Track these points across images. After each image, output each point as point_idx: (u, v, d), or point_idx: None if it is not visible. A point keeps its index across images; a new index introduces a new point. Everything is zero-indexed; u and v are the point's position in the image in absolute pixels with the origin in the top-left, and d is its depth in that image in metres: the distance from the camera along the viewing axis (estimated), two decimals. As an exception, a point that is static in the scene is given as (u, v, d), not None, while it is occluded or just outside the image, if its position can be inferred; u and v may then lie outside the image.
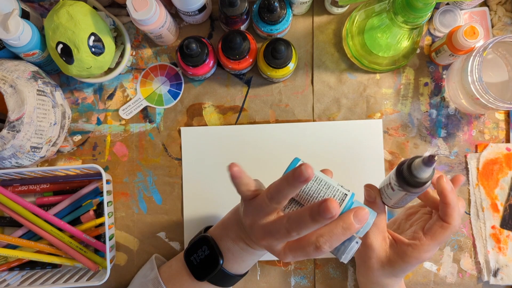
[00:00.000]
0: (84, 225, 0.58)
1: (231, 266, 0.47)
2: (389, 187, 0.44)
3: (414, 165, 0.40)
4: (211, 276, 0.47)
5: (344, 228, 0.37)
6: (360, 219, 0.37)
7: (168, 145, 0.61)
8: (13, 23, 0.50)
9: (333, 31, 0.62)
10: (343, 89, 0.61)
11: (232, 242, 0.46)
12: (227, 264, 0.47)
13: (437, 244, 0.45)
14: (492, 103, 0.51)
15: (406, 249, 0.46)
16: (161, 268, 0.53)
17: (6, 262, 0.59)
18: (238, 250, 0.46)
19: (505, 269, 0.58)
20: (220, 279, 0.48)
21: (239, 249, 0.46)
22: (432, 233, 0.45)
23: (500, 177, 0.60)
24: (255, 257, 0.48)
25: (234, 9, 0.53)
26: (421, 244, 0.45)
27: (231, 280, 0.48)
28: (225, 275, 0.47)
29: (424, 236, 0.45)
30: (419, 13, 0.46)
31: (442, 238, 0.45)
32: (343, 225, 0.37)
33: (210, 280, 0.48)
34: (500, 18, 0.61)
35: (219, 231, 0.48)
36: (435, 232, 0.45)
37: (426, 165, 0.39)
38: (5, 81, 0.51)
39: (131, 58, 0.62)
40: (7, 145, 0.52)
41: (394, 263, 0.46)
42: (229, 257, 0.46)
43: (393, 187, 0.43)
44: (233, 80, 0.62)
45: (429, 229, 0.46)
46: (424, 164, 0.39)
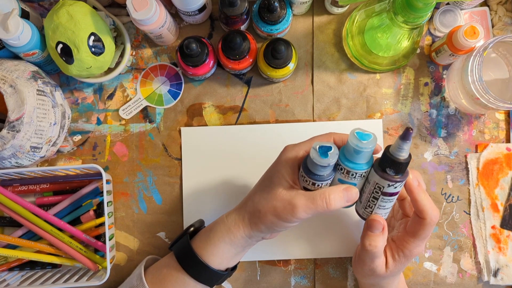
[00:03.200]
0: (84, 225, 0.58)
1: (211, 259, 0.47)
2: (367, 190, 0.43)
3: (391, 146, 0.40)
4: (183, 253, 0.48)
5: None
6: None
7: (168, 145, 0.61)
8: (12, 23, 0.50)
9: (333, 31, 0.62)
10: (343, 89, 0.61)
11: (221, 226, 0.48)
12: (202, 253, 0.48)
13: (422, 240, 0.46)
14: (492, 103, 0.51)
15: (397, 252, 0.47)
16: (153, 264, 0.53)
17: (6, 262, 0.59)
18: (221, 235, 0.47)
19: (505, 269, 0.58)
20: (199, 270, 0.48)
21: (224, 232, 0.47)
22: (413, 231, 0.46)
23: (500, 177, 0.59)
24: (234, 248, 0.48)
25: (234, 9, 0.53)
26: (408, 244, 0.46)
27: (210, 273, 0.48)
28: (204, 267, 0.47)
29: (407, 235, 0.46)
30: (419, 13, 0.46)
31: (424, 233, 0.45)
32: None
33: (191, 273, 0.48)
34: (500, 18, 0.61)
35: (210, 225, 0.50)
36: (415, 230, 0.46)
37: (403, 139, 0.38)
38: (5, 81, 0.51)
39: (131, 58, 0.62)
40: (7, 145, 0.52)
41: (392, 269, 0.48)
42: (209, 247, 0.47)
43: (372, 186, 0.42)
44: (233, 80, 0.62)
45: (410, 227, 0.46)
46: (401, 138, 0.38)
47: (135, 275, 0.52)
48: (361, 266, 0.49)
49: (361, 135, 0.39)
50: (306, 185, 0.43)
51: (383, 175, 0.41)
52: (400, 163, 0.39)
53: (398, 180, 0.41)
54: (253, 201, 0.46)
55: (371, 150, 0.40)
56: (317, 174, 0.41)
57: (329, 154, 0.39)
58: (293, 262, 0.60)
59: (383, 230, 0.45)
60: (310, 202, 0.42)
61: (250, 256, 0.59)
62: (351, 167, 0.41)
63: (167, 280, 0.49)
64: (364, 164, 0.41)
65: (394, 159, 0.39)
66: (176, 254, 0.49)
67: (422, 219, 0.44)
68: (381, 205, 0.44)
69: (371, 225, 0.45)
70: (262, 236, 0.47)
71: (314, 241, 0.60)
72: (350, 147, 0.40)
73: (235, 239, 0.47)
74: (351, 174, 0.42)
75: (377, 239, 0.45)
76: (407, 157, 0.39)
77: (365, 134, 0.39)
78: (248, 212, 0.46)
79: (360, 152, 0.40)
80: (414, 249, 0.46)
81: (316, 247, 0.60)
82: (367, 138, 0.39)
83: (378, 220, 0.45)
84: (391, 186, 0.41)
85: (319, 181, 0.42)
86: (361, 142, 0.39)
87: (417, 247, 0.46)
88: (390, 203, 0.44)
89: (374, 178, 0.42)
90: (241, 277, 0.60)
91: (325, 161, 0.39)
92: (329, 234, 0.60)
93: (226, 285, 0.60)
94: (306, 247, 0.60)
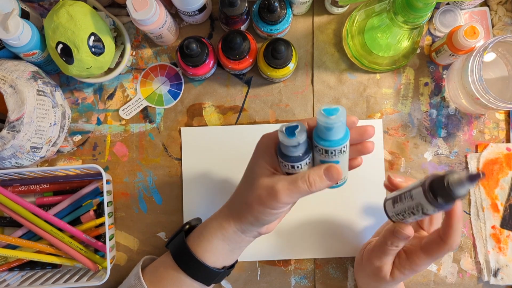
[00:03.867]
0: (84, 225, 0.58)
1: (206, 256, 0.47)
2: (407, 204, 0.42)
3: (453, 179, 0.37)
4: (178, 250, 0.48)
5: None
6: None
7: (168, 145, 0.61)
8: (12, 23, 0.50)
9: (333, 31, 0.62)
10: (343, 89, 0.61)
11: (215, 222, 0.48)
12: (197, 249, 0.48)
13: (432, 260, 0.46)
14: (493, 103, 0.51)
15: (404, 263, 0.47)
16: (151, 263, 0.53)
17: (6, 262, 0.59)
18: (214, 231, 0.47)
19: (505, 269, 0.58)
20: (195, 268, 0.48)
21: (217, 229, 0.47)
22: (428, 249, 0.45)
23: (500, 177, 0.59)
24: (227, 244, 0.48)
25: (234, 9, 0.53)
26: (417, 259, 0.46)
27: (206, 270, 0.48)
28: (200, 264, 0.47)
29: (421, 251, 0.46)
30: (419, 13, 0.46)
31: (437, 255, 0.45)
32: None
33: (187, 271, 0.48)
34: (500, 18, 0.61)
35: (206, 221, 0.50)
36: (431, 248, 0.45)
37: (471, 181, 0.36)
38: (5, 81, 0.51)
39: (131, 58, 0.62)
40: (7, 145, 0.52)
41: (395, 277, 0.48)
42: (203, 244, 0.48)
43: (415, 204, 0.41)
44: (233, 80, 0.62)
45: (426, 244, 0.46)
46: (469, 180, 0.36)
47: (133, 274, 0.52)
48: (370, 261, 0.49)
49: (328, 111, 0.38)
50: (287, 170, 0.43)
51: (433, 203, 0.39)
52: (455, 198, 0.37)
53: (445, 209, 0.40)
54: (239, 194, 0.47)
55: (342, 123, 0.39)
56: (291, 156, 0.41)
57: (296, 133, 0.39)
58: (293, 262, 0.60)
59: (408, 238, 0.45)
60: (292, 185, 0.41)
61: (250, 256, 0.59)
62: (327, 145, 0.40)
63: (164, 278, 0.49)
64: (340, 139, 0.40)
65: (452, 195, 0.37)
66: (172, 252, 0.50)
67: (443, 242, 0.44)
68: (415, 218, 0.43)
69: (400, 233, 0.44)
70: (255, 229, 0.47)
71: (314, 241, 0.60)
72: (321, 126, 0.39)
73: (227, 234, 0.47)
74: (330, 152, 0.41)
75: (400, 242, 0.45)
76: (465, 194, 0.37)
77: (332, 109, 0.38)
78: (236, 206, 0.47)
79: (331, 129, 0.38)
80: (422, 266, 0.46)
81: (316, 247, 0.60)
82: (335, 113, 0.38)
83: (408, 233, 0.44)
84: (435, 211, 0.40)
85: (296, 162, 0.41)
86: (329, 118, 0.37)
87: (424, 265, 0.46)
88: (424, 217, 0.44)
89: (420, 199, 0.40)
90: (241, 277, 0.60)
91: (293, 141, 0.39)
92: (329, 234, 0.60)
93: (226, 285, 0.60)
94: (306, 247, 0.60)
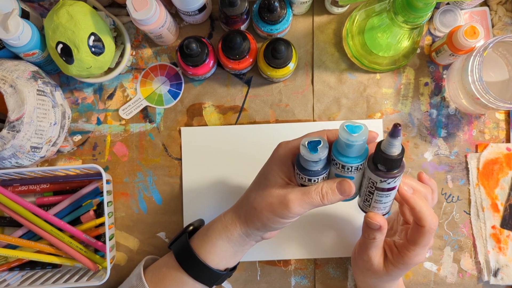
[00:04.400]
0: (84, 225, 0.58)
1: (209, 257, 0.47)
2: (364, 184, 0.43)
3: (382, 143, 0.39)
4: (181, 250, 0.48)
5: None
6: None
7: (168, 145, 0.61)
8: (13, 23, 0.50)
9: (333, 31, 0.62)
10: (343, 89, 0.61)
11: (219, 224, 0.48)
12: (200, 251, 0.48)
13: (422, 248, 0.45)
14: (493, 103, 0.51)
15: (397, 257, 0.47)
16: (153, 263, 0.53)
17: (6, 262, 0.59)
18: (219, 232, 0.47)
19: (505, 269, 0.58)
20: (198, 269, 0.47)
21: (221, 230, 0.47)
22: (413, 239, 0.45)
23: (500, 177, 0.59)
24: (231, 247, 0.48)
25: (234, 9, 0.53)
26: (408, 251, 0.46)
27: (209, 272, 0.48)
28: (203, 266, 0.47)
29: (407, 243, 0.46)
30: (419, 13, 0.46)
31: (423, 241, 0.45)
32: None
33: (190, 272, 0.48)
34: (500, 18, 0.61)
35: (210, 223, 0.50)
36: (414, 237, 0.45)
37: (392, 136, 0.37)
38: (5, 81, 0.51)
39: (131, 58, 0.62)
40: (7, 145, 0.52)
41: (390, 271, 0.47)
42: (207, 245, 0.48)
43: (367, 180, 0.42)
44: (233, 80, 0.62)
45: (410, 235, 0.46)
46: (390, 135, 0.37)
47: (134, 275, 0.52)
48: (360, 257, 0.49)
49: (351, 128, 0.38)
50: (302, 182, 0.43)
51: (375, 172, 0.40)
52: (391, 159, 0.38)
53: (390, 176, 0.40)
54: (249, 199, 0.46)
55: (363, 142, 0.39)
56: (310, 170, 0.41)
57: (319, 149, 0.39)
58: (293, 262, 0.60)
59: (380, 228, 0.45)
60: (305, 196, 0.42)
61: (250, 256, 0.59)
62: (345, 161, 0.41)
63: (166, 279, 0.49)
64: (358, 157, 0.41)
65: (385, 155, 0.38)
66: (175, 252, 0.49)
67: (421, 227, 0.44)
68: (377, 199, 0.43)
69: (369, 223, 0.45)
70: (259, 234, 0.47)
71: (314, 241, 0.60)
72: (342, 141, 0.39)
73: (232, 236, 0.47)
74: (346, 168, 0.41)
75: (375, 233, 0.45)
76: (398, 153, 0.38)
77: (355, 126, 0.38)
78: (244, 210, 0.47)
79: (351, 146, 0.39)
80: (414, 257, 0.46)
81: (316, 247, 0.60)
82: (357, 131, 0.38)
83: (374, 221, 0.44)
84: (383, 182, 0.41)
85: (313, 176, 0.42)
86: (351, 135, 0.38)
87: (418, 256, 0.46)
88: (386, 197, 0.43)
89: (367, 173, 0.42)
90: (241, 277, 0.60)
91: (315, 156, 0.39)
92: (329, 234, 0.60)
93: (226, 285, 0.60)
94: (306, 247, 0.60)
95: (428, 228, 0.44)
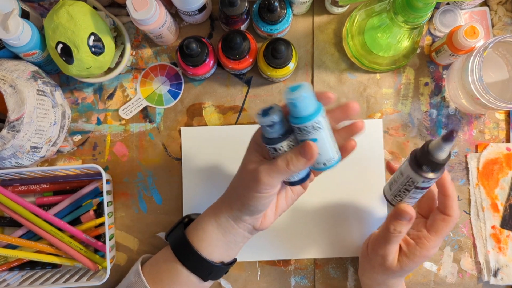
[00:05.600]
0: (84, 225, 0.58)
1: (202, 245, 0.48)
2: (400, 181, 0.44)
3: (431, 144, 0.40)
4: (176, 240, 0.49)
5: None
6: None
7: (168, 145, 0.61)
8: (13, 23, 0.50)
9: (333, 31, 0.62)
10: (343, 89, 0.61)
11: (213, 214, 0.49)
12: (194, 239, 0.48)
13: (441, 238, 0.47)
14: (493, 103, 0.51)
15: (414, 250, 0.48)
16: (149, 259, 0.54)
17: (6, 262, 0.59)
18: (208, 218, 0.49)
19: (505, 269, 0.58)
20: (192, 259, 0.48)
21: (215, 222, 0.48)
22: (435, 228, 0.47)
23: (500, 177, 0.59)
24: (221, 234, 0.48)
25: (234, 9, 0.53)
26: (427, 242, 0.47)
27: (202, 261, 0.48)
28: (196, 255, 0.48)
29: (428, 233, 0.47)
30: (419, 13, 0.46)
31: (445, 231, 0.47)
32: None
33: (185, 262, 0.48)
34: (500, 18, 0.61)
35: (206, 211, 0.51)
36: (438, 226, 0.47)
37: (446, 141, 0.38)
38: (5, 81, 0.51)
39: (131, 58, 0.62)
40: (7, 145, 0.52)
41: (404, 266, 0.48)
42: (199, 232, 0.49)
43: (405, 178, 0.43)
44: (233, 80, 0.62)
45: (432, 224, 0.47)
46: (444, 140, 0.38)
47: (132, 271, 0.52)
48: (375, 251, 0.49)
49: (291, 88, 0.39)
50: (271, 155, 0.44)
51: (419, 172, 0.42)
52: (439, 163, 0.40)
53: (433, 178, 0.42)
54: (232, 184, 0.49)
55: (309, 97, 0.39)
56: (271, 138, 0.42)
57: (270, 112, 0.40)
58: (293, 262, 0.60)
59: (411, 220, 0.46)
60: (272, 165, 0.42)
61: (250, 256, 0.59)
62: (298, 122, 0.40)
63: (163, 270, 0.50)
64: (310, 115, 0.40)
65: (433, 159, 0.40)
66: (170, 243, 0.50)
67: (447, 216, 0.46)
68: (412, 196, 0.45)
69: (401, 214, 0.46)
70: (245, 219, 0.47)
71: (314, 241, 0.60)
72: (289, 104, 0.40)
73: (219, 221, 0.48)
74: (303, 130, 0.41)
75: (403, 226, 0.46)
76: (446, 157, 0.40)
77: (295, 85, 0.39)
78: (228, 193, 0.49)
79: (296, 104, 0.39)
80: (432, 249, 0.47)
81: (316, 247, 0.60)
82: (298, 88, 0.39)
83: (408, 211, 0.45)
84: (425, 182, 0.42)
85: (276, 144, 0.42)
86: (292, 93, 0.39)
87: (435, 248, 0.47)
88: (420, 194, 0.45)
89: (408, 172, 0.43)
90: (241, 277, 0.60)
91: (267, 120, 0.40)
92: (329, 234, 0.60)
93: (226, 285, 0.60)
94: (306, 247, 0.60)
95: (454, 218, 0.46)
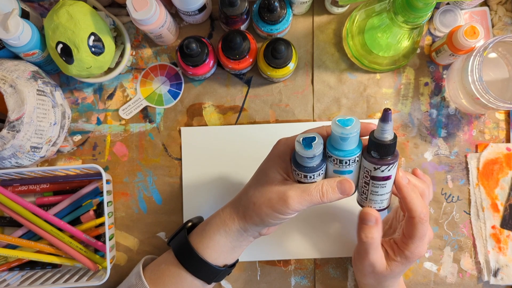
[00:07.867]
0: (84, 225, 0.58)
1: (207, 252, 0.48)
2: (361, 176, 0.43)
3: (374, 130, 0.40)
4: (180, 246, 0.49)
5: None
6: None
7: (168, 145, 0.61)
8: (13, 23, 0.50)
9: (333, 31, 0.62)
10: (343, 89, 0.61)
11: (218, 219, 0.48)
12: (198, 246, 0.48)
13: (417, 240, 0.45)
14: (493, 103, 0.51)
15: (399, 252, 0.47)
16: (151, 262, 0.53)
17: (6, 262, 0.59)
18: (217, 227, 0.48)
19: (505, 269, 0.58)
20: (196, 264, 0.48)
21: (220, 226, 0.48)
22: (408, 232, 0.45)
23: (500, 177, 0.59)
24: (229, 242, 0.48)
25: (234, 8, 0.53)
26: (407, 245, 0.46)
27: (207, 267, 0.48)
28: (201, 261, 0.47)
29: (404, 236, 0.46)
30: (419, 13, 0.46)
31: (417, 233, 0.45)
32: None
33: (188, 267, 0.48)
34: (500, 18, 0.61)
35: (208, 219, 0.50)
36: (409, 230, 0.45)
37: (383, 121, 0.38)
38: (5, 81, 0.51)
39: (131, 58, 0.62)
40: (7, 145, 0.52)
41: (394, 268, 0.47)
42: (205, 240, 0.48)
43: (362, 170, 0.42)
44: (233, 80, 0.62)
45: (405, 228, 0.46)
46: (381, 120, 0.38)
47: (133, 273, 0.52)
48: (361, 263, 0.48)
49: (343, 121, 0.39)
50: (299, 178, 0.43)
51: (369, 159, 0.41)
52: (383, 145, 0.39)
53: (384, 163, 0.40)
54: (248, 194, 0.47)
55: (356, 134, 0.39)
56: (306, 166, 0.41)
57: (313, 145, 0.39)
58: (293, 262, 0.60)
59: (377, 221, 0.45)
60: (304, 194, 0.42)
61: (250, 256, 0.59)
62: (341, 156, 0.41)
63: (165, 275, 0.49)
64: (353, 149, 0.41)
65: (377, 141, 0.39)
66: (173, 248, 0.50)
67: (412, 218, 0.44)
68: (373, 190, 0.43)
69: (364, 218, 0.45)
70: (257, 230, 0.47)
71: (314, 241, 0.60)
72: (336, 136, 0.40)
73: (230, 231, 0.47)
74: (344, 162, 0.41)
75: (372, 230, 0.45)
76: (390, 138, 0.39)
77: (347, 119, 0.39)
78: (243, 205, 0.47)
79: (345, 139, 0.39)
80: (415, 250, 0.46)
81: (316, 247, 0.60)
82: (349, 124, 0.39)
83: (370, 213, 0.45)
84: (377, 169, 0.41)
85: (309, 172, 0.42)
86: (344, 128, 0.39)
87: (417, 248, 0.45)
88: (382, 188, 0.43)
89: (363, 163, 0.42)
90: (241, 277, 0.60)
91: (309, 152, 0.39)
92: (329, 234, 0.60)
93: (226, 285, 0.60)
94: (306, 247, 0.60)
95: (418, 218, 0.44)
